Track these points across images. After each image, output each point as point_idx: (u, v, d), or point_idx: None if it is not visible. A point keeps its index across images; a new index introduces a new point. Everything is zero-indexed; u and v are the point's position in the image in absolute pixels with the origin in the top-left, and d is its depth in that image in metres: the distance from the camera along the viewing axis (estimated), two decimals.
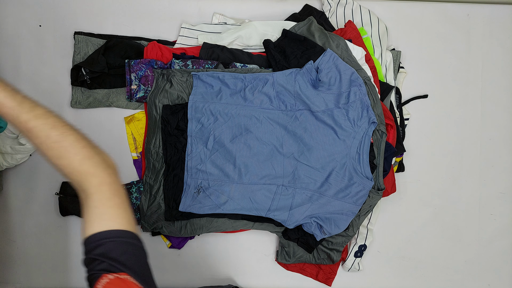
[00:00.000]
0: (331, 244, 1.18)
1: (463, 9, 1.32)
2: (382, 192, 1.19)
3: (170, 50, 1.18)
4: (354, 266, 1.23)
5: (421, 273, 1.29)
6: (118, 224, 0.60)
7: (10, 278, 1.21)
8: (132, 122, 1.21)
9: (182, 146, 1.16)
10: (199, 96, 1.13)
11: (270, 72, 1.15)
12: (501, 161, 1.32)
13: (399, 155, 1.24)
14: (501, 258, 1.31)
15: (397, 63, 1.27)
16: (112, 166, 0.67)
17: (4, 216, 1.21)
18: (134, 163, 1.21)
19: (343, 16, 1.26)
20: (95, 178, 0.63)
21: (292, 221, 1.13)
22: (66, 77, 1.20)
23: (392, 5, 1.31)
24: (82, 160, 0.63)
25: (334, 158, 1.13)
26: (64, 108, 1.21)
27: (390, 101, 1.23)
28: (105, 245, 0.58)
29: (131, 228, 0.61)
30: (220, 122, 1.13)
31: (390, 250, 1.28)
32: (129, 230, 0.60)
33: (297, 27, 1.20)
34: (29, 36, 1.21)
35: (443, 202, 1.30)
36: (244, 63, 1.17)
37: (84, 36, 1.19)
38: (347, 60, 1.18)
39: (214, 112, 1.13)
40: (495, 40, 1.32)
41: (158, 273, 1.21)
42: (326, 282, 1.23)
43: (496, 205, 1.31)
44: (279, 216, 1.13)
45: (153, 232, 1.19)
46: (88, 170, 0.63)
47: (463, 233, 1.30)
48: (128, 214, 0.62)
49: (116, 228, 0.59)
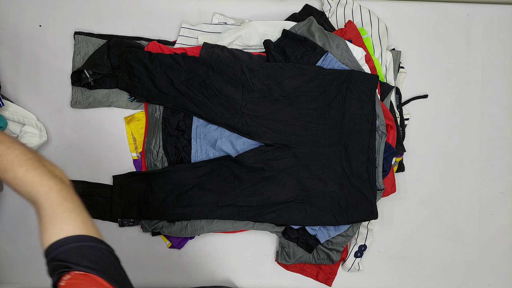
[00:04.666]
0: (331, 244, 1.18)
1: (463, 9, 1.32)
2: (382, 192, 1.19)
3: (170, 50, 1.18)
4: (354, 266, 1.23)
5: (421, 273, 1.29)
6: (73, 228, 0.59)
7: (10, 278, 1.21)
8: (132, 122, 1.21)
9: (182, 146, 1.17)
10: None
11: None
12: (501, 161, 1.32)
13: (399, 155, 1.24)
14: (501, 258, 1.31)
15: (397, 63, 1.27)
16: (60, 174, 0.67)
17: (4, 216, 1.21)
18: (134, 163, 1.21)
19: (343, 16, 1.26)
20: (42, 186, 0.63)
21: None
22: (66, 77, 1.20)
23: (392, 5, 1.31)
24: (27, 171, 0.63)
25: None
26: (64, 108, 1.21)
27: (390, 101, 1.23)
28: (63, 253, 0.57)
29: (88, 231, 0.60)
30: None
31: (390, 250, 1.28)
32: (86, 234, 0.60)
33: (297, 27, 1.20)
34: (29, 36, 1.21)
35: (443, 202, 1.30)
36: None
37: (84, 36, 1.19)
38: (347, 60, 1.18)
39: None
40: (495, 40, 1.32)
41: (158, 273, 1.21)
42: (326, 282, 1.23)
43: (496, 205, 1.31)
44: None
45: (153, 232, 1.19)
46: (33, 179, 0.63)
47: (463, 233, 1.30)
48: (84, 218, 0.62)
49: (71, 234, 0.59)
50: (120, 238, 1.21)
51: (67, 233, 0.59)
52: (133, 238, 1.21)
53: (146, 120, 1.20)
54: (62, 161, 1.20)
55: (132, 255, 1.20)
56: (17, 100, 1.20)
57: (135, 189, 1.15)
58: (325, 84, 1.14)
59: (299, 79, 1.14)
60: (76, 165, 1.21)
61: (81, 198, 1.17)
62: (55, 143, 1.21)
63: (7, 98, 1.18)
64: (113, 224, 1.20)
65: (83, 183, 1.19)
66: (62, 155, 1.21)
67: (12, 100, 1.19)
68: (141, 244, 1.21)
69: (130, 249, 1.21)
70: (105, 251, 0.60)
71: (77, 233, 0.59)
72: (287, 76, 1.14)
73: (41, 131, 1.16)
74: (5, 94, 1.19)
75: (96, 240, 0.60)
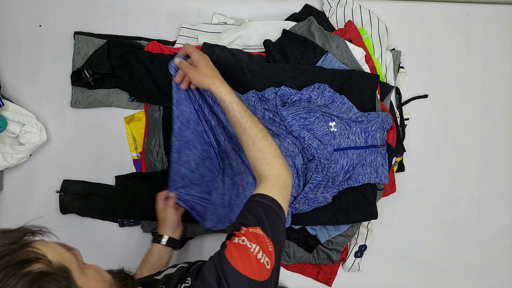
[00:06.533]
0: (331, 244, 1.18)
1: (463, 9, 1.32)
2: (382, 192, 1.19)
3: (170, 50, 1.18)
4: (354, 266, 1.23)
5: (421, 273, 1.29)
6: (279, 198, 0.75)
7: None
8: (132, 122, 1.21)
9: None
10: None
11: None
12: (501, 161, 1.32)
13: (399, 155, 1.24)
14: (501, 258, 1.31)
15: (397, 63, 1.27)
16: (289, 170, 0.82)
17: (4, 216, 1.21)
18: (134, 163, 1.21)
19: (343, 16, 1.26)
20: (276, 171, 0.80)
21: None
22: (66, 77, 1.20)
23: (392, 5, 1.31)
24: (274, 158, 0.81)
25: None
26: (64, 108, 1.21)
27: (390, 101, 1.23)
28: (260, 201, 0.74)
29: (281, 204, 0.75)
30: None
31: (390, 250, 1.28)
32: (278, 201, 0.74)
33: (297, 27, 1.20)
34: (29, 36, 1.21)
35: (443, 202, 1.30)
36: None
37: (84, 36, 1.19)
38: (347, 60, 1.18)
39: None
40: (495, 40, 1.32)
41: None
42: (326, 283, 1.23)
43: (496, 205, 1.31)
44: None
45: (153, 232, 1.19)
46: (274, 164, 0.80)
47: (463, 233, 1.30)
48: (285, 200, 0.77)
49: (271, 196, 0.75)
50: (120, 238, 1.21)
51: (270, 194, 0.75)
52: (133, 238, 1.21)
53: (146, 120, 1.19)
54: (62, 161, 1.21)
55: (132, 255, 1.20)
56: (17, 100, 1.20)
57: (137, 190, 1.15)
58: None
59: (300, 79, 1.14)
60: (76, 165, 1.21)
61: (81, 198, 1.18)
62: (55, 143, 1.21)
63: (7, 98, 1.18)
64: (113, 224, 1.20)
65: (83, 183, 1.19)
66: (62, 155, 1.21)
67: (12, 100, 1.19)
68: (141, 244, 1.21)
69: (130, 249, 1.21)
70: (278, 215, 0.73)
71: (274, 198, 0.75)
72: (287, 76, 1.14)
73: (41, 131, 1.16)
74: (5, 94, 1.19)
75: (280, 208, 0.75)
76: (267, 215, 0.71)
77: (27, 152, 1.16)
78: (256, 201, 0.74)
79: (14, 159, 1.14)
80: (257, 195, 0.75)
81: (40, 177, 1.21)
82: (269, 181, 0.78)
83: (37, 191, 1.21)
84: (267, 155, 0.80)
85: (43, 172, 1.20)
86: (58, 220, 1.20)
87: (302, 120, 1.09)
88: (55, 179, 1.20)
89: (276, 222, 0.71)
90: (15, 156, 1.14)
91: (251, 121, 0.84)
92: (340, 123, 1.11)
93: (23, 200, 1.21)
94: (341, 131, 1.11)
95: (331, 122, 1.11)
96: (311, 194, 1.09)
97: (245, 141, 0.82)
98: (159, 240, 1.01)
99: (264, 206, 0.72)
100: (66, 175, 1.20)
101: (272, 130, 1.11)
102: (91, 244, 1.20)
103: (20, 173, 1.20)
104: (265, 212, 0.71)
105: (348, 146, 1.11)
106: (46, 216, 1.21)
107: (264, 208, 0.72)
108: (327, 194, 1.10)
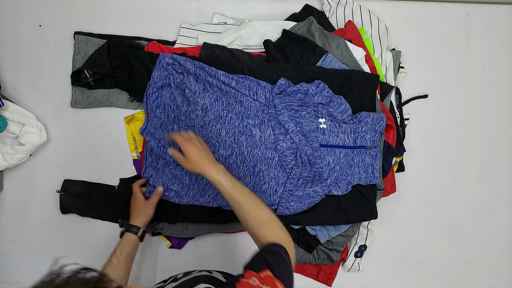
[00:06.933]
0: (331, 244, 1.18)
1: (463, 9, 1.32)
2: (382, 192, 1.19)
3: (170, 50, 1.18)
4: (354, 266, 1.23)
5: (421, 273, 1.29)
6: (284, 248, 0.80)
7: (10, 278, 1.21)
8: (132, 122, 1.21)
9: None
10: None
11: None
12: (501, 161, 1.32)
13: (399, 155, 1.24)
14: (501, 258, 1.31)
15: (397, 63, 1.27)
16: (289, 234, 0.85)
17: (4, 216, 1.21)
18: (134, 163, 1.21)
19: (343, 16, 1.26)
20: (277, 233, 0.84)
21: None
22: (66, 77, 1.20)
23: (392, 5, 1.31)
24: (272, 223, 0.84)
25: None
26: (64, 108, 1.21)
27: (390, 101, 1.23)
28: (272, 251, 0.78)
29: (288, 252, 0.80)
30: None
31: (390, 250, 1.28)
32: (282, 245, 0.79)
33: (297, 27, 1.20)
34: (29, 36, 1.22)
35: (443, 202, 1.30)
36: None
37: (84, 36, 1.19)
38: (347, 60, 1.18)
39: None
40: (495, 40, 1.32)
41: (158, 273, 1.21)
42: (326, 283, 1.23)
43: (496, 205, 1.31)
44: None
45: (153, 232, 1.19)
46: (274, 227, 0.84)
47: (463, 233, 1.30)
48: (292, 256, 0.81)
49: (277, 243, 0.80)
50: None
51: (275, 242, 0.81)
52: None
53: None
54: (62, 161, 1.21)
55: None
56: (17, 100, 1.20)
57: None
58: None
59: (300, 79, 1.14)
60: (76, 165, 1.21)
61: (82, 198, 1.18)
62: (55, 143, 1.21)
63: (7, 98, 1.18)
64: (113, 224, 1.20)
65: (83, 183, 1.19)
66: (62, 155, 1.21)
67: (12, 100, 1.19)
68: (141, 244, 1.21)
69: None
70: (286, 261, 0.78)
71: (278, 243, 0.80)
72: (287, 76, 1.14)
73: (41, 131, 1.16)
74: (5, 94, 1.19)
75: (286, 253, 0.80)
76: (276, 260, 0.75)
77: (27, 152, 1.16)
78: (264, 249, 0.79)
79: (14, 159, 1.14)
80: (266, 246, 0.79)
81: (40, 177, 1.21)
82: (272, 241, 0.82)
83: (37, 191, 1.21)
84: (265, 222, 0.84)
85: (43, 172, 1.21)
86: (58, 220, 1.20)
87: (293, 112, 1.10)
88: (55, 179, 1.20)
89: (285, 265, 0.77)
90: (15, 156, 1.14)
91: (243, 195, 0.86)
92: (331, 120, 1.12)
93: (23, 200, 1.21)
94: (331, 128, 1.12)
95: (321, 118, 1.12)
96: (299, 191, 1.10)
97: (241, 214, 0.85)
98: (136, 232, 1.04)
99: (272, 252, 0.77)
100: (66, 175, 1.20)
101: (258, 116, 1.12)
102: (91, 244, 1.20)
103: (20, 173, 1.20)
104: (273, 257, 0.76)
105: (336, 144, 1.12)
106: (46, 216, 1.21)
107: (272, 254, 0.76)
108: (317, 187, 1.10)
